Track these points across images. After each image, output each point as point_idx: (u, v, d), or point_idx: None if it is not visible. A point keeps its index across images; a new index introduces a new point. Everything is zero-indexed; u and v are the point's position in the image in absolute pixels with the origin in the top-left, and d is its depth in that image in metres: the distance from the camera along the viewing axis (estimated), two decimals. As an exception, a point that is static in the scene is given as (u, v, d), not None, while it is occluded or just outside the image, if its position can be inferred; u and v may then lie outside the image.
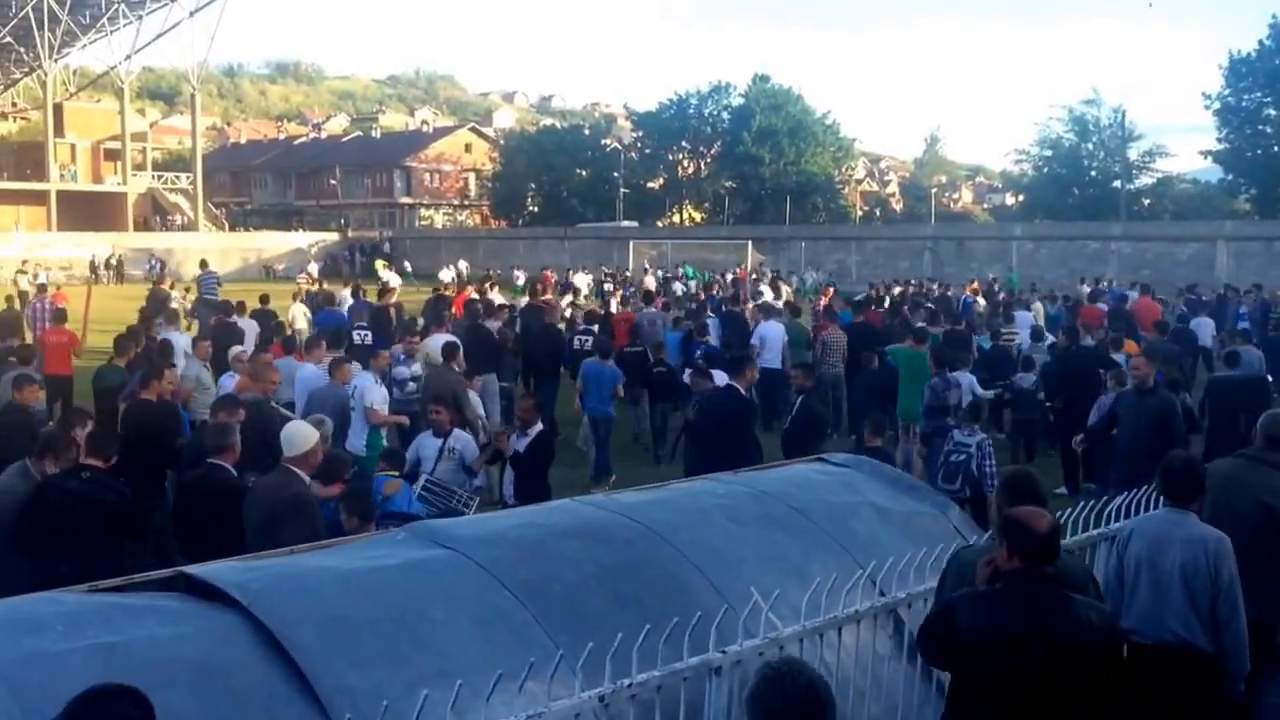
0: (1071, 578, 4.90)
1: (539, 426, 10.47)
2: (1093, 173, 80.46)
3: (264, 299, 21.76)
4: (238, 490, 7.83)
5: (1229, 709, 5.81)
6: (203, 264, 28.84)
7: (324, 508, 7.86)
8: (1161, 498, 6.07)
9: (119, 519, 7.69)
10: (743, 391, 11.58)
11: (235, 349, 14.41)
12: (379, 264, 50.88)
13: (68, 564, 6.74)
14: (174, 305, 23.20)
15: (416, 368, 14.05)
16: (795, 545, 5.92)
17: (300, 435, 7.79)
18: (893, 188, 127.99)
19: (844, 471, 7.12)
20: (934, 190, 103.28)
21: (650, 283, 40.22)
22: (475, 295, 23.34)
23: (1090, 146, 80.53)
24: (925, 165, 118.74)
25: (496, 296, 24.32)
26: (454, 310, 21.59)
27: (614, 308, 24.86)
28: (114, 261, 61.82)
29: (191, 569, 5.00)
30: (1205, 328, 22.98)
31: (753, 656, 4.69)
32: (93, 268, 58.57)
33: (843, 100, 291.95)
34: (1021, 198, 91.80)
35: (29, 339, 18.83)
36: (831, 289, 31.80)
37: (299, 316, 22.64)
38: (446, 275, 46.29)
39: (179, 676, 4.10)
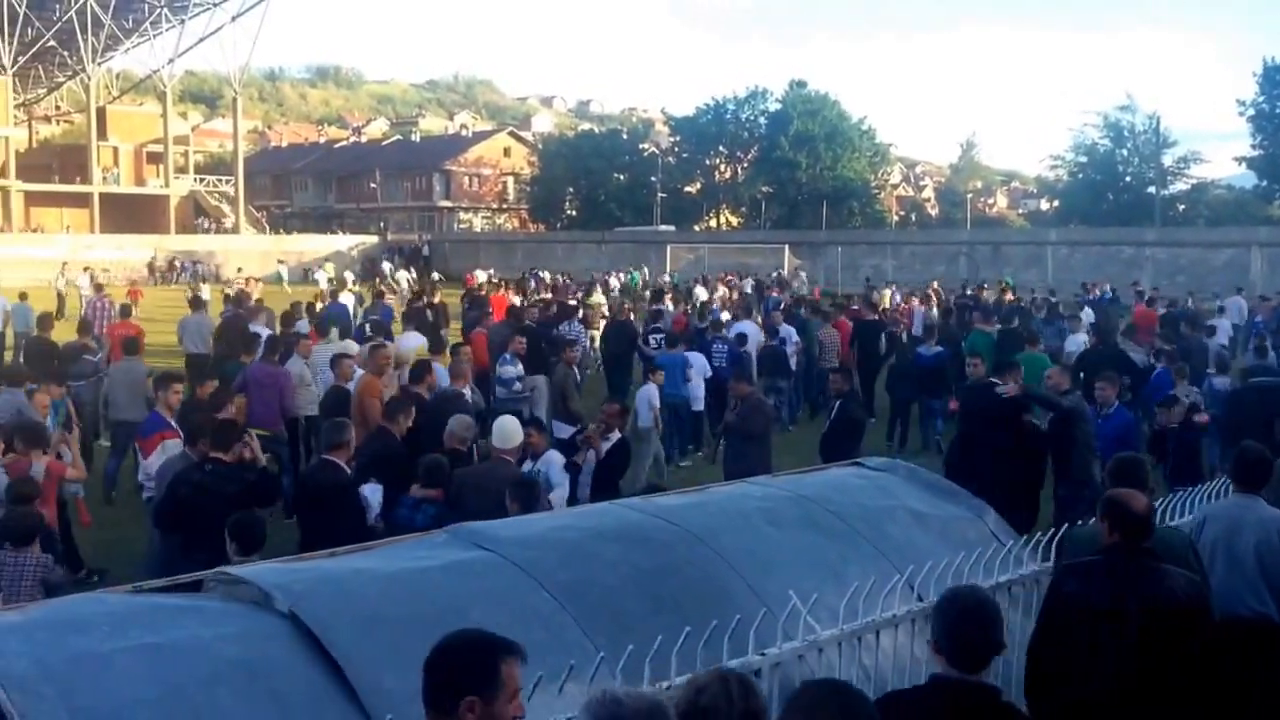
0: (1170, 550, 5.38)
1: (617, 434, 10.64)
2: (1127, 178, 79.95)
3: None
4: (345, 486, 8.44)
5: None
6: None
7: (420, 511, 8.29)
8: (1230, 485, 6.68)
9: (242, 507, 7.94)
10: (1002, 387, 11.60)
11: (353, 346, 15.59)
12: (327, 268, 52.05)
13: (200, 551, 7.07)
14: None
15: (521, 368, 14.65)
16: (833, 549, 5.92)
17: (512, 430, 8.78)
18: (928, 193, 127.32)
19: (881, 476, 7.11)
20: (969, 195, 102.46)
21: (614, 284, 43.23)
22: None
23: (1125, 152, 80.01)
24: (961, 171, 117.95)
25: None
26: (492, 312, 22.01)
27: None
28: (178, 264, 62.65)
29: (233, 569, 5.06)
30: (1223, 329, 23.64)
31: (791, 659, 4.70)
32: (151, 269, 59.88)
33: (879, 106, 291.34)
34: (1056, 203, 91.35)
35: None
36: (892, 288, 32.41)
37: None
38: (402, 278, 48.16)
39: (222, 676, 4.14)
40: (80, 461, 9.87)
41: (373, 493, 8.82)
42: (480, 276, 42.87)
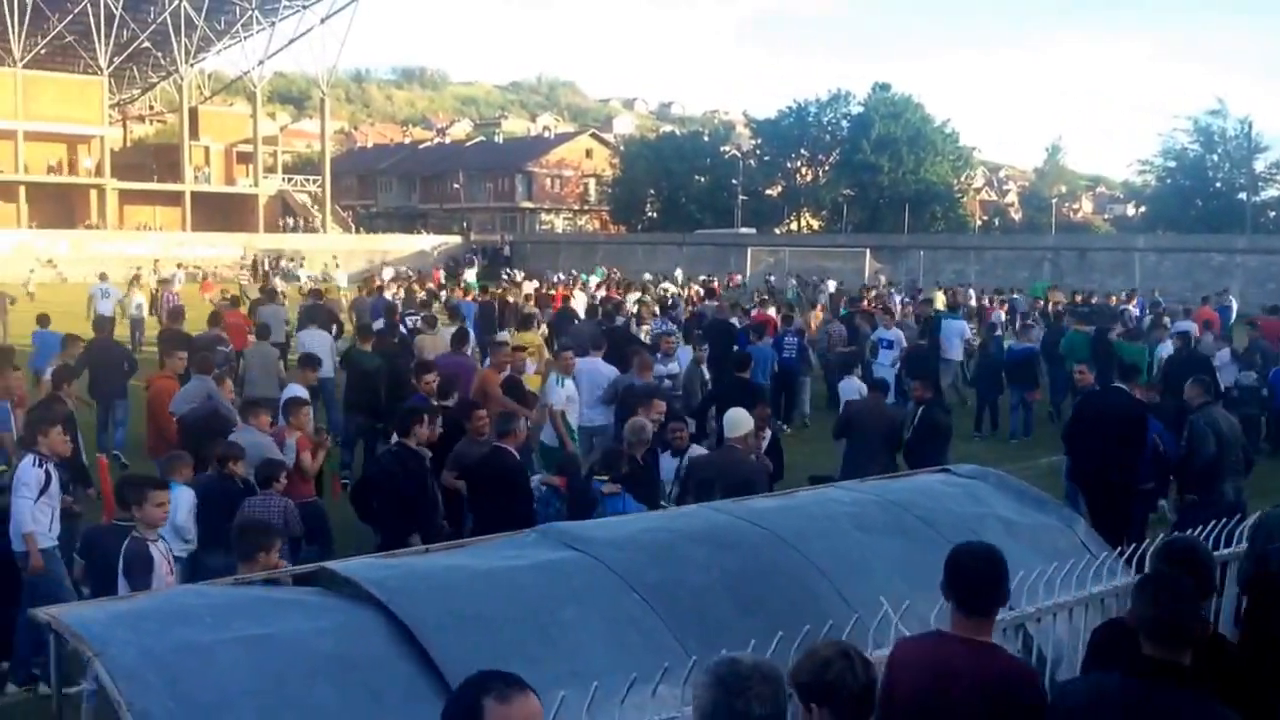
0: None
1: (769, 434, 10.85)
2: (1217, 184, 77.89)
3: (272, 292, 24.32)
4: (518, 471, 8.99)
5: None
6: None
7: (549, 504, 8.77)
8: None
9: (400, 499, 8.51)
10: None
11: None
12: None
13: (386, 532, 7.54)
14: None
15: (673, 366, 14.99)
16: (922, 555, 5.85)
17: (741, 419, 8.99)
18: (1011, 197, 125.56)
19: (970, 483, 7.02)
20: (1054, 200, 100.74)
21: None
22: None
23: (1215, 158, 77.97)
24: (1046, 175, 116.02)
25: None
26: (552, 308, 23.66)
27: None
28: (284, 264, 63.87)
29: (332, 564, 5.13)
30: None
31: (883, 667, 4.66)
32: (255, 267, 61.30)
33: (962, 110, 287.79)
34: (1143, 209, 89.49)
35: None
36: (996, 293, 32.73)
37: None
38: (388, 274, 49.90)
39: (320, 669, 4.22)
40: (328, 440, 10.91)
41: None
42: (468, 277, 46.35)
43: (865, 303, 25.90)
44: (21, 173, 70.18)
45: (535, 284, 38.26)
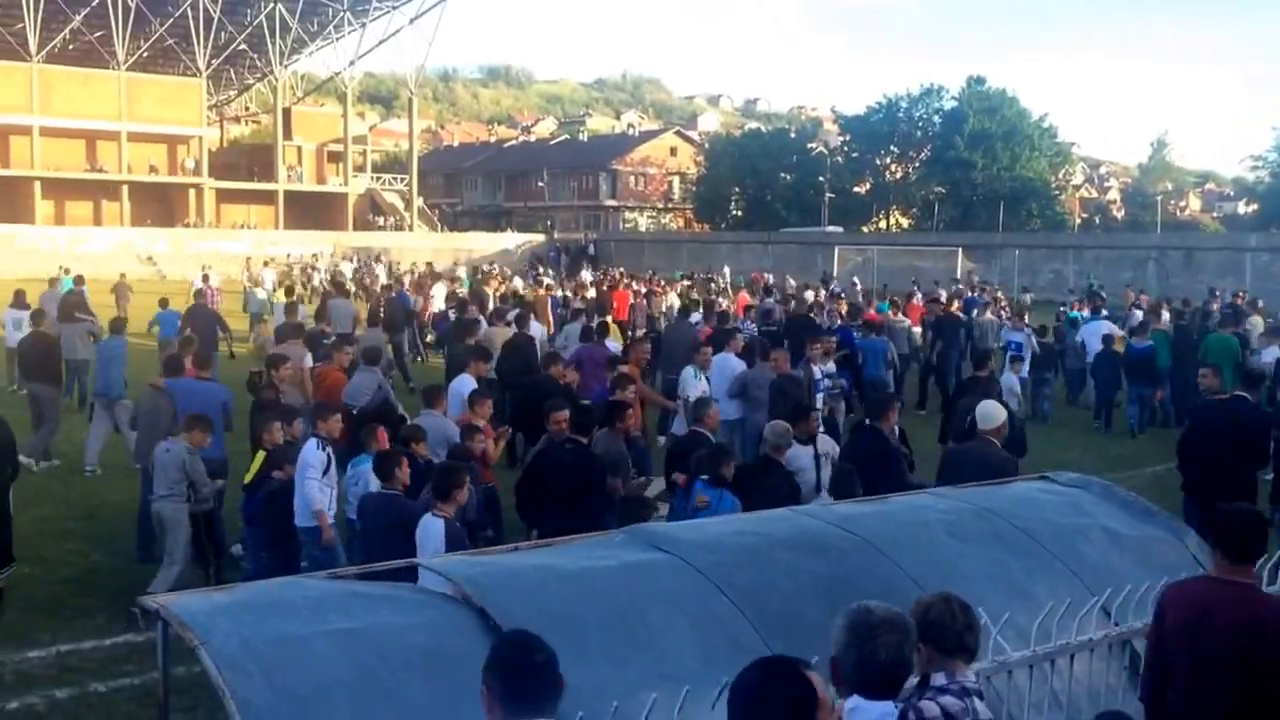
0: None
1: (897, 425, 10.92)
2: (1337, 180, 75.29)
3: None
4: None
5: None
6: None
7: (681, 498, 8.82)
8: None
9: (588, 487, 8.83)
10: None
11: None
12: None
13: (554, 521, 7.69)
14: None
15: (830, 365, 15.19)
16: (1020, 566, 5.73)
17: (995, 413, 9.07)
18: (1113, 194, 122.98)
19: (1072, 492, 6.83)
20: (1159, 197, 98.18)
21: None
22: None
23: (1336, 152, 75.42)
24: (1150, 171, 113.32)
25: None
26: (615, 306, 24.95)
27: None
28: (405, 267, 64.00)
29: (424, 561, 5.17)
30: None
31: (979, 680, 4.55)
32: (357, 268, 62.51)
33: (1061, 103, 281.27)
34: (1255, 206, 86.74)
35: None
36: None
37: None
38: (380, 274, 50.31)
39: (412, 664, 4.26)
40: (507, 431, 11.76)
41: None
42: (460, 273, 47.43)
43: (949, 304, 25.48)
44: (125, 172, 72.00)
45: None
